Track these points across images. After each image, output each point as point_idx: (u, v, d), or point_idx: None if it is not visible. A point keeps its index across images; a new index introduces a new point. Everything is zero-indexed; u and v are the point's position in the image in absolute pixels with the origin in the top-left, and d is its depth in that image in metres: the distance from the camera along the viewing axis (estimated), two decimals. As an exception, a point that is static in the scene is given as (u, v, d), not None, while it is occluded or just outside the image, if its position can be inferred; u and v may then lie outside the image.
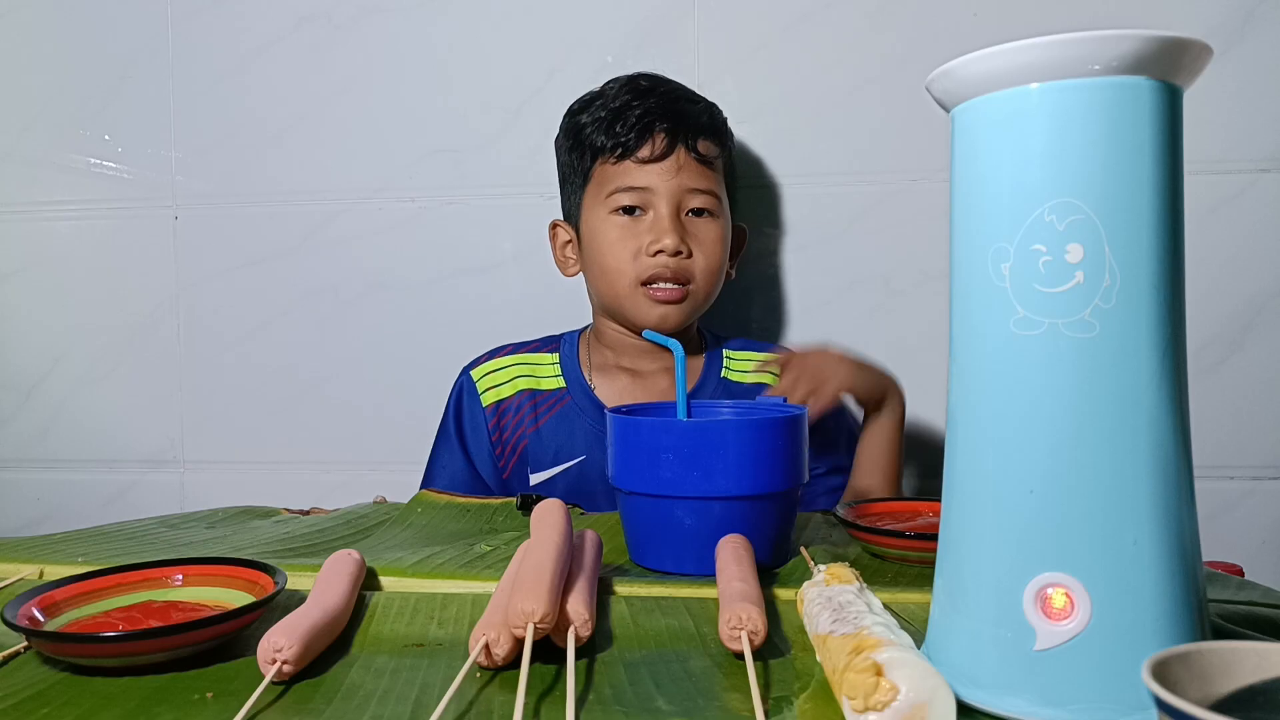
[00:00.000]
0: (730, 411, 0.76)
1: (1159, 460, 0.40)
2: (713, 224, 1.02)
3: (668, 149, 0.99)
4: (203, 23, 1.27)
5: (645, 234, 0.99)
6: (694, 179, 1.00)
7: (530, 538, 0.56)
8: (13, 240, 1.32)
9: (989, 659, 0.42)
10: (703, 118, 1.02)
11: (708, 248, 1.01)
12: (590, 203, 1.03)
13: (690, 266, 1.00)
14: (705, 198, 1.01)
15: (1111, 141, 0.39)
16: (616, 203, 1.00)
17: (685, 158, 1.00)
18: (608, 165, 1.01)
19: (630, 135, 0.99)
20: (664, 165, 0.99)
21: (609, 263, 1.00)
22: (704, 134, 1.01)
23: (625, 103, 1.00)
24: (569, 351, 1.09)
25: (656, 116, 0.99)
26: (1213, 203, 1.11)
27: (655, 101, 1.00)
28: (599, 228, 1.01)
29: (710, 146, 1.02)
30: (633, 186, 0.99)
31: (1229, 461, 1.12)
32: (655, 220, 0.99)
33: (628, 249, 0.99)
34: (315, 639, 0.48)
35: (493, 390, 1.07)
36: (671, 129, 0.99)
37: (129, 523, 0.82)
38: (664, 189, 0.99)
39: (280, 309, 1.28)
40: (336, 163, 1.26)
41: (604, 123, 1.01)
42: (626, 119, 0.99)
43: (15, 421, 1.34)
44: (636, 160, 0.99)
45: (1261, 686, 0.34)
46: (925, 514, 0.73)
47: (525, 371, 1.08)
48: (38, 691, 0.46)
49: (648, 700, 0.44)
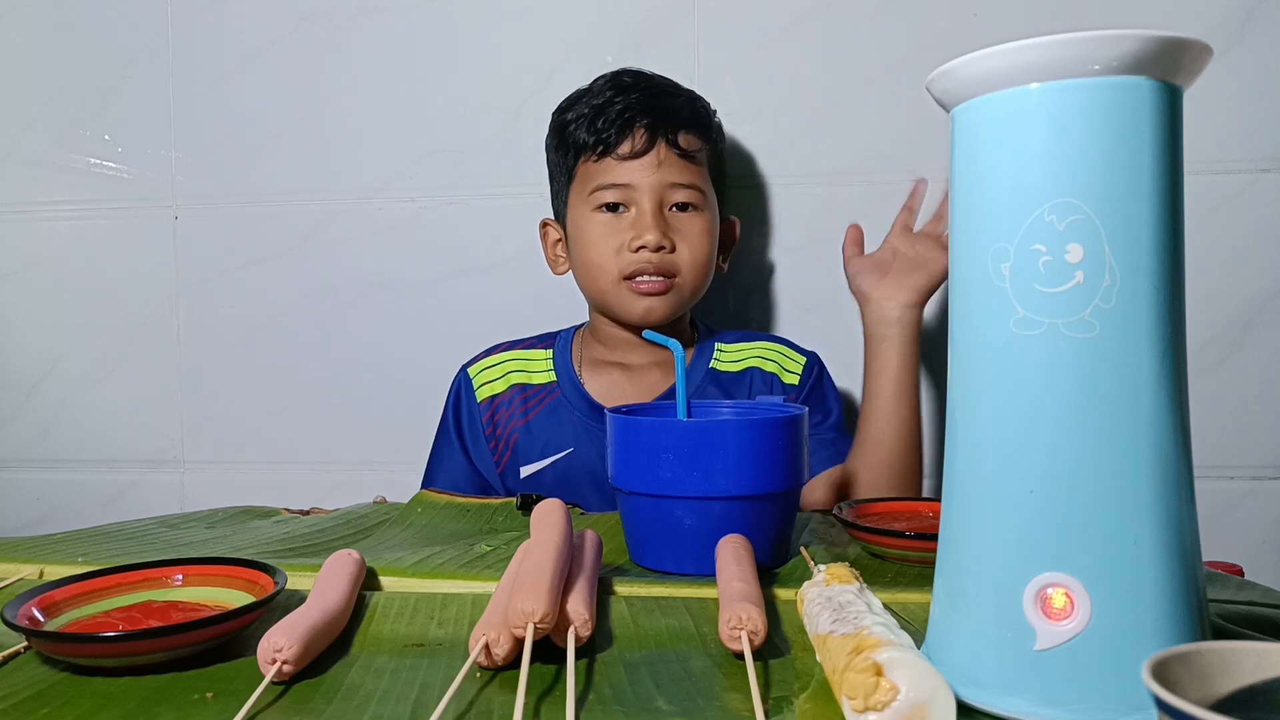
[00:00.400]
0: (730, 411, 0.76)
1: (1159, 460, 0.40)
2: (697, 217, 1.01)
3: (648, 144, 0.99)
4: (203, 23, 1.27)
5: (627, 230, 0.99)
6: (675, 174, 1.00)
7: (530, 538, 0.56)
8: (13, 240, 1.32)
9: (989, 659, 0.42)
10: (684, 111, 1.02)
11: (692, 241, 1.00)
12: (575, 200, 1.03)
13: (674, 261, 1.00)
14: (688, 192, 1.00)
15: (1111, 141, 0.39)
16: (599, 200, 1.00)
17: (666, 152, 0.99)
18: (590, 163, 1.01)
19: (610, 132, 0.99)
20: (644, 161, 0.99)
21: (592, 259, 1.01)
22: (685, 127, 1.01)
23: (607, 99, 1.00)
24: (563, 348, 1.10)
25: (637, 112, 0.99)
26: (1213, 203, 1.11)
27: (636, 97, 1.00)
28: (583, 225, 1.02)
29: (692, 140, 1.01)
30: (614, 184, 0.99)
31: (1229, 461, 1.12)
32: (637, 216, 0.99)
33: (610, 245, 1.00)
34: (315, 639, 0.48)
35: (487, 386, 1.08)
36: (652, 124, 0.99)
37: (129, 523, 0.82)
38: (645, 185, 0.99)
39: (280, 309, 1.28)
40: (336, 163, 1.26)
41: (586, 120, 1.01)
42: (608, 115, 0.99)
43: (15, 421, 1.34)
44: (617, 157, 0.99)
45: (1261, 686, 0.34)
46: (925, 514, 0.73)
47: (518, 367, 1.09)
48: (38, 691, 0.46)
49: (648, 700, 0.44)
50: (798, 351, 1.07)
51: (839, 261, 1.06)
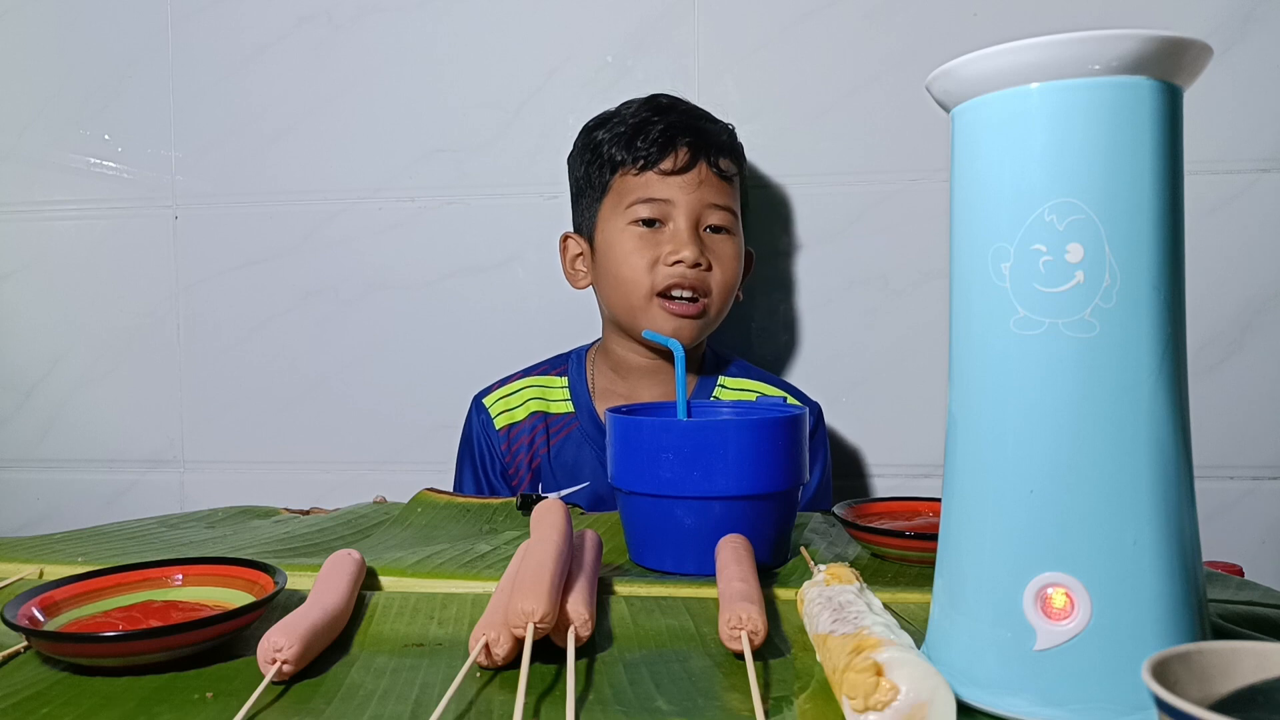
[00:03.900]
0: (730, 412, 0.76)
1: (1159, 460, 0.40)
2: (730, 241, 1.02)
3: (690, 162, 1.00)
4: (203, 23, 1.27)
5: (664, 244, 0.99)
6: (714, 194, 1.00)
7: (530, 538, 0.56)
8: (13, 240, 1.32)
9: (989, 659, 0.42)
10: (723, 136, 1.03)
11: (725, 263, 1.01)
12: (608, 214, 1.02)
13: (708, 279, 1.00)
14: (724, 214, 1.01)
15: (1111, 141, 0.39)
16: (636, 214, 1.00)
17: (707, 172, 1.00)
18: (629, 177, 1.01)
19: (653, 148, 0.99)
20: (686, 178, 0.99)
21: (624, 273, 1.00)
22: (724, 152, 1.02)
23: (645, 118, 1.01)
24: (576, 375, 1.10)
25: (679, 131, 1.00)
26: (1213, 203, 1.11)
27: (676, 118, 1.01)
28: (615, 238, 1.01)
29: (730, 165, 1.03)
30: (653, 198, 0.99)
31: (1229, 461, 1.12)
32: (674, 232, 0.99)
33: (644, 259, 0.99)
34: (315, 639, 0.48)
35: (505, 414, 1.08)
36: (694, 143, 1.00)
37: (129, 523, 0.82)
38: (684, 202, 0.99)
39: (280, 309, 1.28)
40: (336, 163, 1.26)
41: (624, 137, 1.01)
42: (648, 133, 1.00)
43: (15, 421, 1.34)
44: (659, 172, 0.99)
45: (1261, 686, 0.34)
46: (925, 514, 0.73)
47: (537, 394, 1.09)
48: (38, 691, 0.46)
49: (648, 700, 0.44)
50: (801, 400, 1.07)
51: (839, 262, 1.06)
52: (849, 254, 1.18)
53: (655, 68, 1.18)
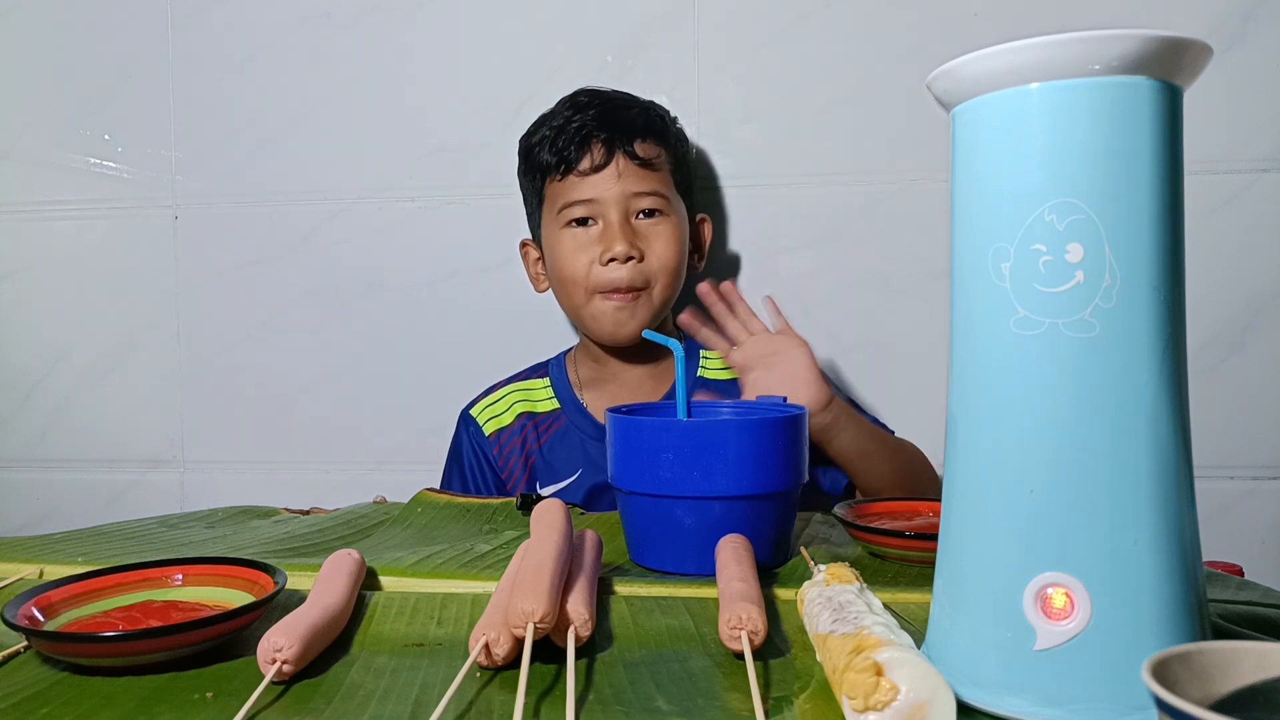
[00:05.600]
0: (730, 411, 0.76)
1: (1159, 460, 0.40)
2: (664, 223, 1.03)
3: (606, 157, 1.02)
4: (203, 23, 1.27)
5: (596, 244, 1.02)
6: (636, 183, 1.02)
7: (530, 538, 0.56)
8: (13, 240, 1.32)
9: (989, 659, 0.42)
10: (638, 121, 1.04)
11: (660, 248, 1.03)
12: (548, 219, 1.06)
13: (645, 271, 1.02)
14: (652, 199, 1.03)
15: (1111, 141, 0.39)
16: (568, 216, 1.03)
17: (625, 163, 1.02)
18: (555, 183, 1.04)
19: (569, 149, 1.02)
20: (605, 174, 1.01)
21: (565, 274, 1.04)
22: (640, 136, 1.03)
23: (566, 119, 1.03)
24: (558, 374, 1.12)
25: (593, 128, 1.02)
26: (1213, 203, 1.11)
27: (592, 114, 1.03)
28: (555, 242, 1.05)
29: (649, 148, 1.03)
30: (580, 199, 1.02)
31: (1229, 461, 1.12)
32: (605, 228, 1.02)
33: (581, 261, 1.02)
34: (315, 639, 0.48)
35: (493, 420, 1.10)
36: (607, 138, 1.02)
37: (129, 523, 0.82)
38: (609, 197, 1.01)
39: (280, 309, 1.28)
40: (336, 163, 1.26)
41: (549, 141, 1.04)
42: (567, 134, 1.02)
43: (15, 421, 1.34)
44: (579, 173, 1.02)
45: (1261, 686, 0.34)
46: (925, 514, 0.73)
47: (521, 397, 1.11)
48: (38, 691, 0.46)
49: (648, 700, 0.44)
50: None
51: (839, 261, 1.06)
52: (849, 254, 1.17)
53: (655, 68, 1.18)
